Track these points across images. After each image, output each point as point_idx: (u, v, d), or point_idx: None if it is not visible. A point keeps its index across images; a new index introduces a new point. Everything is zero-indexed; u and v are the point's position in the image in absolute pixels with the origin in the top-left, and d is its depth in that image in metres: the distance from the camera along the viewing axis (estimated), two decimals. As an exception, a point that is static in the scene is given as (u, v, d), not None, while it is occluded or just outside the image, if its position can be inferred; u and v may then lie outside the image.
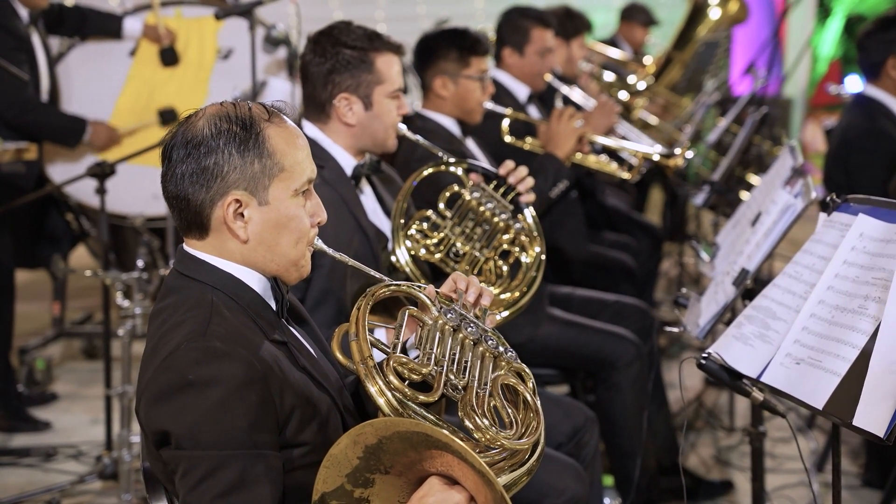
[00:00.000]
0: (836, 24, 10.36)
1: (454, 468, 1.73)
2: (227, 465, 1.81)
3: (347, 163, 3.00)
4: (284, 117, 2.03)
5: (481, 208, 2.97)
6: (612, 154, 4.15)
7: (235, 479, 1.81)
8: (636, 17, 7.88)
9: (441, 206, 2.98)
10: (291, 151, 1.99)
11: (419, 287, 2.12)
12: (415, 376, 1.93)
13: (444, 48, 3.71)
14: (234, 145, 1.94)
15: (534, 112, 4.75)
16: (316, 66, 2.97)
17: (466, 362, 2.00)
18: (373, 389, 1.88)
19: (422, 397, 1.90)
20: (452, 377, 1.96)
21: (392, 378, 1.89)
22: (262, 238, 1.98)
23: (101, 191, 4.19)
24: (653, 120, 6.48)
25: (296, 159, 1.99)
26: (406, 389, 1.89)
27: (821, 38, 10.42)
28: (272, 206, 1.97)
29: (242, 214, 1.96)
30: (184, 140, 1.96)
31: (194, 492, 1.81)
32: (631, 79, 6.37)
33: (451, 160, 3.02)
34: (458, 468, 1.72)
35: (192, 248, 2.02)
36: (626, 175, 3.95)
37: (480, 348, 2.04)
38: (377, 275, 2.16)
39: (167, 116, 5.31)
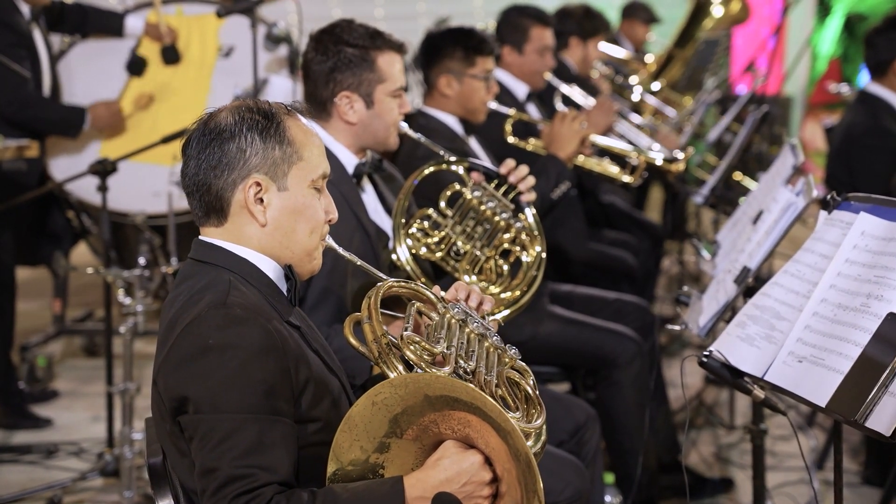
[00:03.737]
0: (835, 23, 10.36)
1: (471, 429, 1.74)
2: (245, 428, 1.85)
3: (349, 161, 3.00)
4: (300, 115, 2.11)
5: (482, 207, 2.98)
6: (614, 156, 4.15)
7: (253, 441, 1.84)
8: (638, 15, 7.88)
9: (442, 204, 2.99)
10: (309, 144, 2.07)
11: (426, 287, 2.16)
12: (426, 356, 1.96)
13: (449, 47, 3.71)
14: (257, 131, 2.02)
15: (533, 111, 4.76)
16: (318, 64, 2.98)
17: (474, 352, 2.03)
18: (389, 370, 1.91)
19: (435, 370, 1.92)
20: (462, 361, 1.98)
21: (406, 351, 1.92)
22: (279, 223, 2.03)
23: (102, 188, 4.19)
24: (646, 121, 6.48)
25: (312, 152, 2.07)
26: (421, 362, 1.91)
27: (820, 37, 10.41)
28: (290, 192, 2.04)
29: (262, 199, 2.01)
30: (206, 130, 2.03)
31: (213, 453, 1.85)
32: (633, 79, 6.37)
33: (452, 159, 3.02)
34: (477, 429, 1.73)
35: (209, 236, 2.07)
36: (627, 178, 3.94)
37: (486, 343, 2.08)
38: (383, 276, 2.18)
39: (135, 67, 5.33)
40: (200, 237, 2.08)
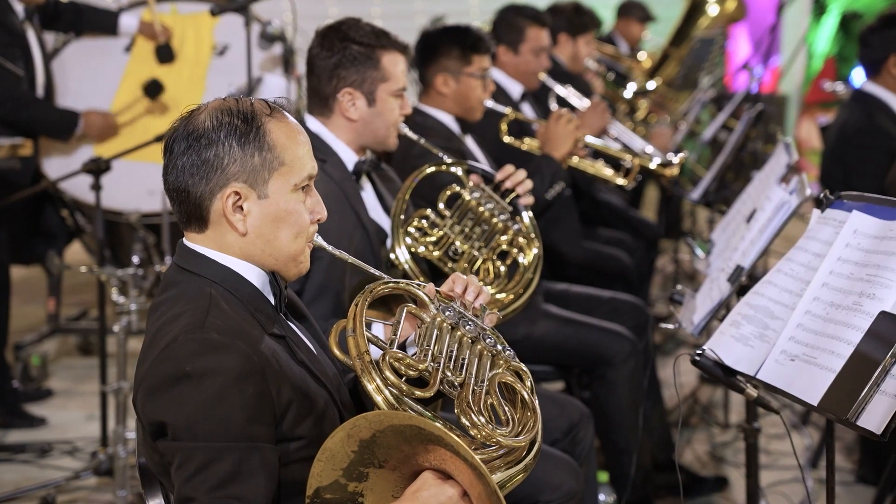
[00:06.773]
0: (831, 21, 10.37)
1: (448, 463, 1.73)
2: (222, 458, 1.82)
3: (349, 158, 3.01)
4: (286, 113, 2.05)
5: (481, 208, 2.98)
6: (608, 158, 4.15)
7: (230, 471, 1.82)
8: (633, 14, 7.88)
9: (441, 205, 2.99)
10: (292, 146, 2.00)
11: (418, 285, 2.12)
12: (411, 372, 1.94)
13: (446, 45, 3.71)
14: (235, 138, 1.96)
15: (528, 110, 4.76)
16: (322, 59, 2.99)
17: (464, 360, 2.00)
18: (369, 385, 1.89)
19: (417, 393, 1.91)
20: (449, 374, 1.96)
21: (388, 373, 1.90)
22: (260, 231, 1.99)
23: (96, 187, 4.18)
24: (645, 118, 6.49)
25: (296, 154, 2.01)
26: (402, 385, 1.90)
27: (816, 35, 10.42)
28: (271, 199, 1.98)
29: (242, 208, 1.97)
30: (185, 133, 1.98)
31: (189, 483, 1.82)
32: (630, 85, 6.37)
33: (451, 161, 3.03)
34: (452, 463, 1.72)
35: (192, 241, 2.03)
36: (622, 181, 3.93)
37: (478, 346, 2.04)
38: (377, 272, 2.16)
39: (151, 90, 5.29)
40: (184, 241, 2.04)
